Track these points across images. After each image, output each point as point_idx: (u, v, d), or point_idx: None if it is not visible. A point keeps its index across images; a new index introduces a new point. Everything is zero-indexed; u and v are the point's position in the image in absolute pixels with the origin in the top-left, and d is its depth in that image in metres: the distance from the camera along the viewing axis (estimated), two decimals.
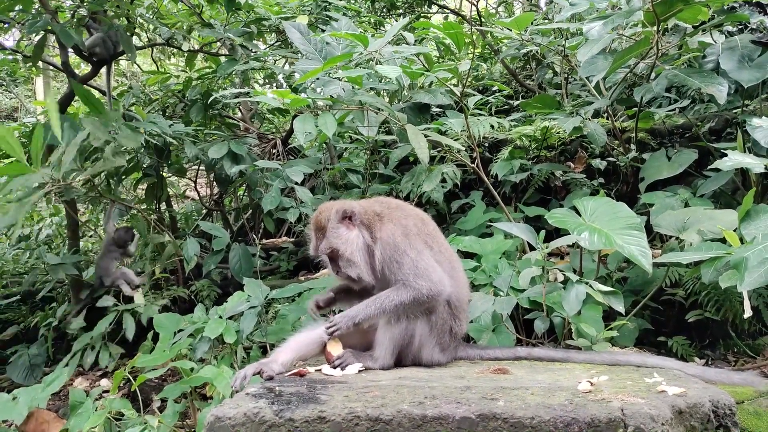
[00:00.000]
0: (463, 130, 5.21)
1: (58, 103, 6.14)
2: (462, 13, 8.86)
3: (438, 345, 3.20)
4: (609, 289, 3.61)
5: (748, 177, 4.81)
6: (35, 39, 6.75)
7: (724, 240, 3.67)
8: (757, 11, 5.21)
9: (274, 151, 7.89)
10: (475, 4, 7.81)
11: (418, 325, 3.11)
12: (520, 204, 5.62)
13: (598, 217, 3.85)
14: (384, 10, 8.60)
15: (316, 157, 6.84)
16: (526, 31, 5.85)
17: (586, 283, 3.61)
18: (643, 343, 4.39)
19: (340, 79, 4.60)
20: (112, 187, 6.68)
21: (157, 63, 9.15)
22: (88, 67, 6.67)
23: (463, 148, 4.95)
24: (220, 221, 7.58)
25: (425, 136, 4.29)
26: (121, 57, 6.51)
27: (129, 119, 5.68)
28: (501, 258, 4.57)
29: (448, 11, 8.92)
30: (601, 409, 2.22)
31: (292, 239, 6.80)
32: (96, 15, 5.95)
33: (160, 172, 6.43)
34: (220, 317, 4.38)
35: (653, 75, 4.99)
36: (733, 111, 5.47)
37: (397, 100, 5.68)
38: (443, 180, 5.32)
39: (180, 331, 4.44)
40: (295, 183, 5.43)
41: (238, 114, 8.44)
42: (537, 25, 6.57)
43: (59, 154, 4.44)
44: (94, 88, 8.85)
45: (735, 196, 4.96)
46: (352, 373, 2.98)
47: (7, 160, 6.71)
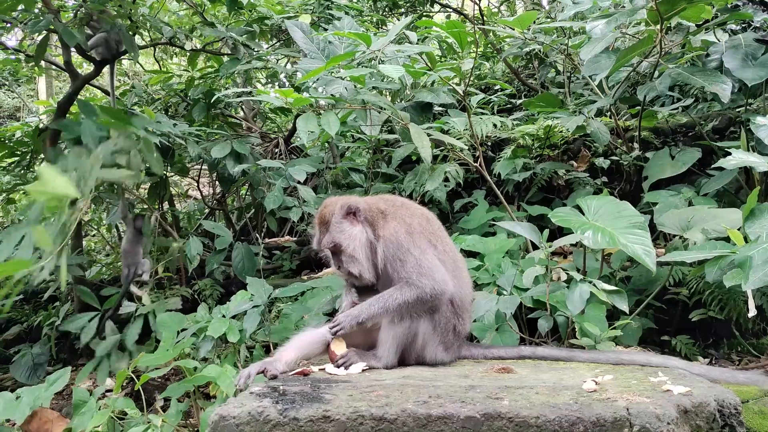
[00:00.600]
0: (466, 129, 5.21)
1: (61, 103, 6.15)
2: (464, 12, 8.85)
3: (442, 344, 3.19)
4: (613, 288, 3.60)
5: (752, 176, 4.80)
6: (38, 39, 6.75)
7: (728, 239, 3.66)
8: (760, 9, 5.20)
9: (276, 150, 7.89)
10: (478, 2, 7.80)
11: (422, 324, 3.11)
12: (522, 203, 5.61)
13: (602, 216, 3.84)
14: (386, 9, 8.58)
15: (319, 157, 6.84)
16: (529, 29, 5.84)
17: (589, 282, 3.60)
18: (647, 343, 4.38)
19: (343, 78, 4.60)
20: (115, 186, 6.67)
21: (160, 62, 9.14)
22: (90, 66, 6.66)
23: (465, 147, 4.95)
24: (223, 220, 7.58)
25: (428, 135, 4.29)
26: (123, 56, 6.50)
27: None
28: (504, 257, 4.57)
29: (450, 10, 8.91)
30: (607, 409, 2.21)
31: (295, 238, 6.80)
32: (98, 14, 5.94)
33: (163, 172, 6.42)
34: (224, 316, 4.38)
35: (656, 74, 4.98)
36: (737, 110, 5.46)
37: (399, 99, 5.68)
38: (446, 179, 5.31)
39: (183, 330, 4.44)
40: (298, 182, 5.42)
41: (241, 113, 8.44)
42: (540, 23, 6.56)
43: (87, 160, 4.38)
44: (97, 88, 8.88)
45: (738, 194, 4.95)
46: (356, 372, 2.98)
47: (9, 160, 6.73)
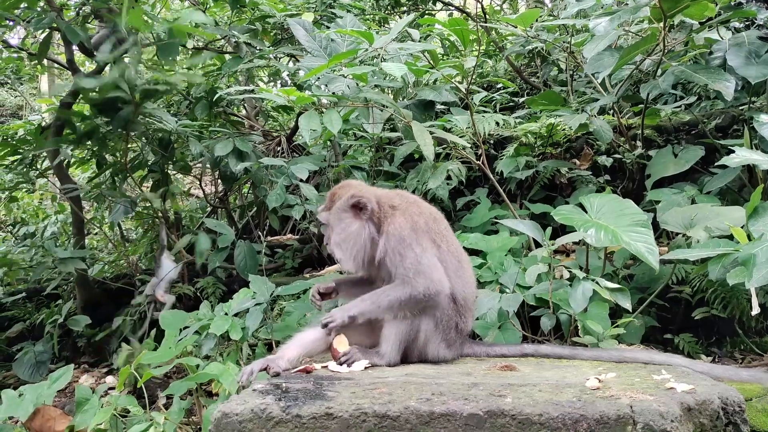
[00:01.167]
0: (469, 127, 5.20)
1: (64, 101, 6.15)
2: (467, 9, 8.83)
3: (444, 341, 3.20)
4: (616, 286, 3.60)
5: (755, 173, 4.79)
6: (40, 36, 6.75)
7: (731, 237, 3.65)
8: (764, 7, 5.18)
9: (278, 148, 7.88)
10: (480, 0, 7.78)
11: (423, 322, 3.11)
12: (525, 201, 5.61)
13: (605, 214, 3.84)
14: (388, 7, 8.56)
15: (321, 155, 6.83)
16: (532, 27, 5.83)
17: (592, 280, 3.60)
18: (650, 341, 4.38)
19: (345, 76, 4.60)
20: (117, 184, 6.68)
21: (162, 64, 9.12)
22: (93, 64, 6.67)
23: (468, 145, 4.94)
24: (225, 218, 7.57)
25: (430, 133, 4.28)
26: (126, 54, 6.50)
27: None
28: (507, 255, 4.56)
29: (452, 8, 8.89)
30: (610, 406, 2.21)
31: (297, 236, 6.79)
32: (101, 12, 5.94)
33: (165, 170, 6.42)
34: (226, 314, 4.38)
35: (659, 71, 4.97)
36: (740, 107, 5.44)
37: (401, 97, 5.67)
38: (448, 177, 5.30)
39: (185, 328, 4.44)
40: (300, 180, 5.42)
41: (243, 111, 8.44)
42: (542, 21, 6.54)
43: None
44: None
45: (741, 192, 4.93)
46: (359, 369, 2.98)
47: (11, 158, 6.73)
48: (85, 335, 6.24)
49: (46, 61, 7.38)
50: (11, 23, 6.33)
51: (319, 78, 4.87)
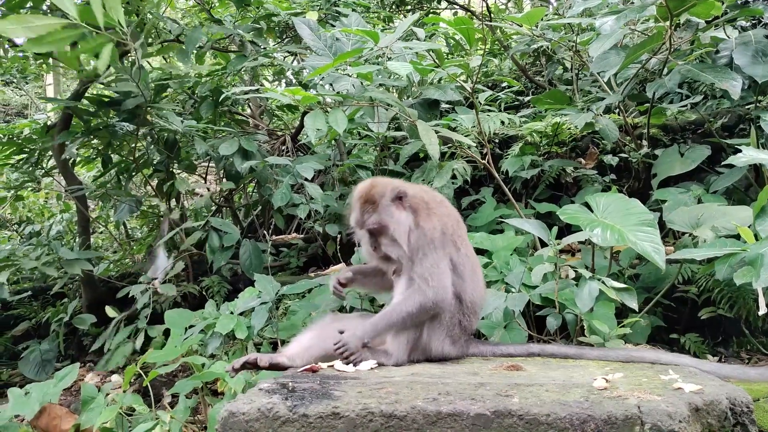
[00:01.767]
0: (474, 126, 5.19)
1: (69, 99, 6.17)
2: (472, 8, 8.82)
3: (448, 337, 3.21)
4: (622, 285, 3.59)
5: (762, 173, 4.77)
6: None
7: (738, 236, 3.64)
8: None
9: (283, 147, 7.88)
10: None
11: (427, 319, 3.14)
12: (530, 200, 5.60)
13: (611, 213, 3.83)
14: (393, 6, 8.56)
15: (326, 154, 6.83)
16: (537, 26, 5.81)
17: (598, 279, 3.59)
18: (656, 341, 4.37)
19: (350, 75, 4.59)
20: (122, 183, 6.69)
21: (167, 59, 9.13)
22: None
23: (473, 144, 4.93)
24: (230, 217, 7.58)
25: (436, 132, 4.27)
26: (130, 54, 6.51)
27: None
28: (512, 254, 4.56)
29: (457, 7, 8.88)
30: (618, 407, 2.21)
31: (302, 235, 6.80)
32: None
33: (170, 169, 6.43)
34: (231, 313, 4.39)
35: (666, 70, 4.95)
36: (746, 107, 5.42)
37: (406, 96, 5.65)
38: (453, 176, 5.29)
39: (191, 326, 4.45)
40: (305, 179, 5.42)
41: (248, 110, 8.44)
42: (548, 20, 6.52)
43: None
44: (103, 85, 8.88)
45: (748, 192, 4.92)
46: (365, 369, 2.98)
47: (17, 157, 6.74)
48: (91, 334, 6.26)
49: (51, 60, 7.39)
50: None
51: (323, 77, 4.86)
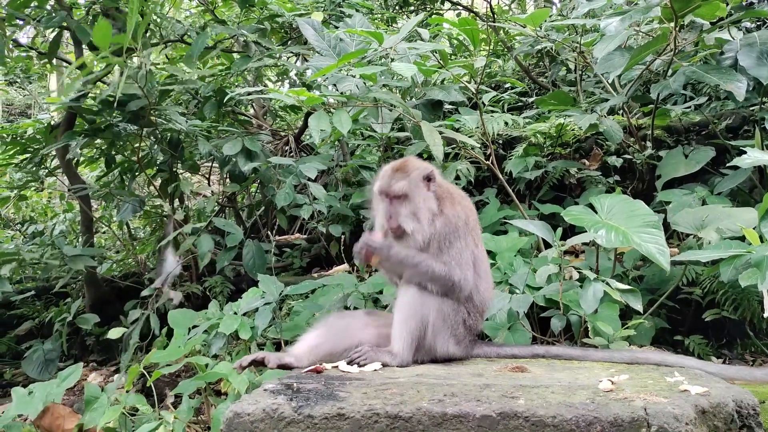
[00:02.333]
0: (478, 127, 5.18)
1: (70, 104, 6.17)
2: (475, 9, 8.81)
3: (453, 336, 3.20)
4: (627, 287, 3.58)
5: (766, 174, 4.77)
6: (50, 35, 6.77)
7: (743, 238, 3.63)
8: None
9: (286, 147, 7.89)
10: (489, 0, 7.76)
11: (431, 315, 3.12)
12: (534, 201, 5.59)
13: (615, 214, 3.82)
14: (396, 7, 8.55)
15: (329, 154, 6.83)
16: (541, 27, 5.81)
17: (603, 281, 3.58)
18: (660, 342, 4.36)
19: (354, 75, 4.58)
20: (126, 183, 6.69)
21: (170, 60, 9.14)
22: (102, 63, 6.67)
23: (477, 145, 4.92)
24: (233, 218, 7.58)
25: (440, 132, 4.27)
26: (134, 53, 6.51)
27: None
28: (516, 256, 4.55)
29: (461, 7, 8.87)
30: (624, 409, 2.20)
31: (305, 236, 6.80)
32: (110, 11, 5.96)
33: (174, 169, 6.43)
34: (235, 313, 4.39)
35: (670, 72, 4.95)
36: (751, 108, 5.41)
37: (410, 97, 5.65)
38: (457, 177, 5.29)
39: (194, 327, 4.44)
40: (309, 179, 5.41)
41: (251, 111, 8.44)
42: (552, 21, 6.52)
43: None
44: (106, 84, 8.89)
45: (752, 194, 4.91)
46: (369, 370, 2.98)
47: (21, 157, 6.75)
48: (94, 333, 6.26)
49: (55, 60, 7.40)
50: (21, 22, 6.35)
51: (327, 77, 4.86)
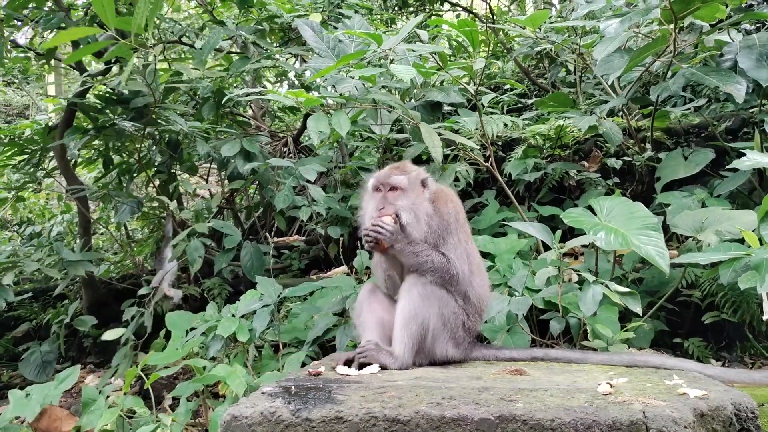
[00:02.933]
0: (477, 129, 5.17)
1: (72, 100, 6.16)
2: (474, 11, 8.81)
3: (452, 339, 3.19)
4: (626, 289, 3.57)
5: (766, 177, 4.76)
6: (48, 36, 6.75)
7: (742, 241, 3.62)
8: None
9: (285, 149, 7.87)
10: (488, 1, 7.76)
11: (432, 319, 3.11)
12: (533, 203, 5.58)
13: (615, 216, 3.81)
14: (396, 8, 8.55)
15: (328, 156, 6.82)
16: (540, 29, 5.80)
17: (602, 283, 3.57)
18: (659, 345, 4.35)
19: (353, 77, 4.57)
20: (123, 184, 6.68)
21: (169, 60, 9.13)
22: (100, 64, 6.67)
23: (476, 147, 4.92)
24: (232, 219, 7.57)
25: (439, 134, 4.26)
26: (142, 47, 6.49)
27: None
28: (515, 258, 4.54)
29: (460, 9, 8.87)
30: (623, 412, 2.19)
31: (304, 237, 6.78)
32: None
33: (172, 170, 6.42)
34: (233, 315, 4.37)
35: (669, 73, 4.94)
36: (750, 110, 5.41)
37: (409, 98, 5.65)
38: (456, 179, 5.28)
39: (192, 329, 4.42)
40: (307, 181, 5.40)
41: (250, 112, 8.42)
42: (551, 23, 6.51)
43: None
44: (106, 86, 8.87)
45: (752, 196, 4.90)
46: (367, 373, 2.97)
47: (18, 158, 6.73)
48: (91, 335, 6.24)
49: (53, 60, 7.39)
50: (20, 23, 6.34)
51: (326, 79, 4.85)
